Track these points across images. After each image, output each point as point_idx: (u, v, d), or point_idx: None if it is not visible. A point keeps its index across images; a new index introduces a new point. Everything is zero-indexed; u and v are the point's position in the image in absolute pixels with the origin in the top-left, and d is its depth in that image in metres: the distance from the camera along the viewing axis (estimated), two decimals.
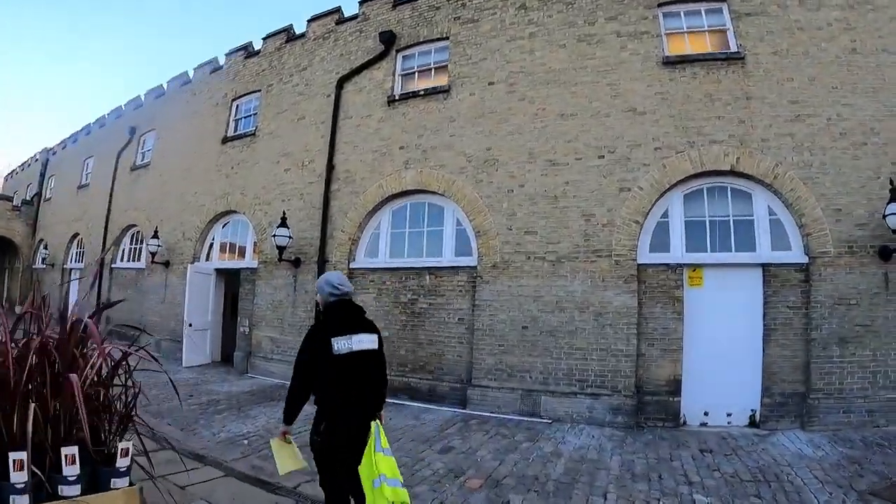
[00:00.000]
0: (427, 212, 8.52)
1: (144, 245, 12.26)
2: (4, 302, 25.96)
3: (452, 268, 7.97)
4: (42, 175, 24.51)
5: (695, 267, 6.74)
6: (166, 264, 12.24)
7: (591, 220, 7.09)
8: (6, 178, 32.48)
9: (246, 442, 5.62)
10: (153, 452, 4.15)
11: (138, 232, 14.52)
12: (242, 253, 10.83)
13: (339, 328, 3.01)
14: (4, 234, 23.58)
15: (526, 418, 6.77)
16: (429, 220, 8.49)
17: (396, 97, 8.95)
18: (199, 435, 5.84)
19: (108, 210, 15.88)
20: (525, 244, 7.41)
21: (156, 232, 12.18)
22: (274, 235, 8.79)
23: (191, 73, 13.97)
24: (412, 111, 8.73)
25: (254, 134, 11.02)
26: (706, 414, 6.45)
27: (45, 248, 21.28)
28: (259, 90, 11.40)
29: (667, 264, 6.81)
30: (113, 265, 15.24)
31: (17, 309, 23.37)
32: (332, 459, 2.94)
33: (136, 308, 13.65)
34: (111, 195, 16.00)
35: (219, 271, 11.18)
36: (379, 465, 2.86)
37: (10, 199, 24.82)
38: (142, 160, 15.23)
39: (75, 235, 18.66)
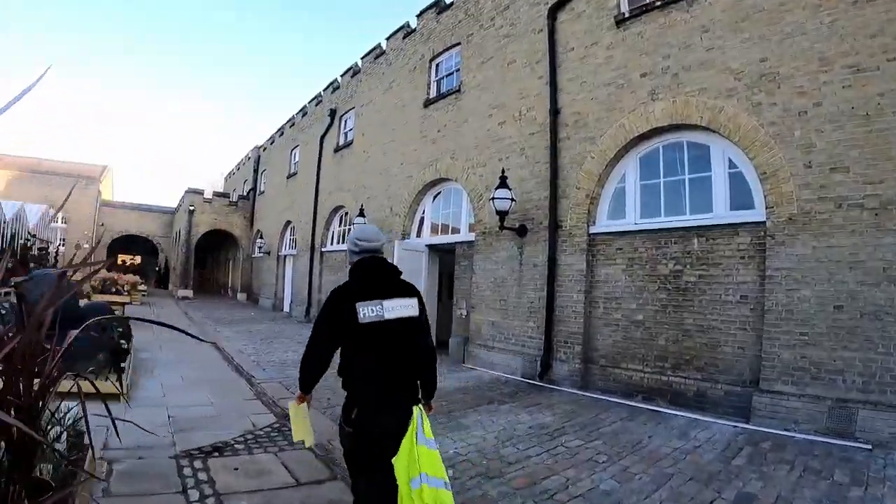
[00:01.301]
0: (686, 154, 7.24)
1: (352, 225, 12.98)
2: (229, 289, 31.22)
3: (728, 226, 6.57)
4: (255, 171, 28.67)
5: None
6: None
7: None
8: (226, 179, 38.96)
9: (451, 473, 4.59)
10: (330, 482, 3.97)
11: (346, 213, 15.74)
12: (457, 225, 10.72)
13: (365, 291, 2.61)
14: (224, 228, 28.23)
15: (834, 441, 5.12)
16: (689, 164, 7.20)
17: (626, 15, 7.81)
18: None
19: (316, 194, 17.59)
20: (832, 186, 5.68)
21: (361, 210, 12.95)
22: (493, 199, 8.38)
23: (384, 45, 14.75)
24: (649, 28, 7.51)
25: (458, 91, 10.87)
26: None
27: (261, 237, 24.71)
28: (458, 43, 11.25)
29: None
30: (323, 249, 16.84)
31: (240, 296, 27.94)
32: (367, 457, 2.59)
33: None
34: (317, 180, 17.69)
35: (431, 248, 11.34)
36: (421, 460, 2.44)
37: (227, 195, 29.74)
38: (344, 141, 16.51)
39: (287, 223, 21.18)
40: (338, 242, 16.40)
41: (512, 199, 8.43)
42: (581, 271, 7.75)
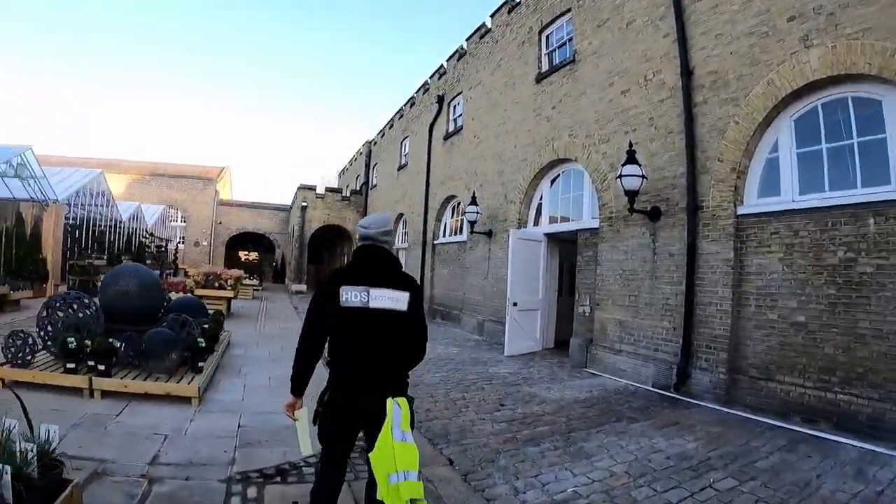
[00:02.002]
0: (852, 113, 6.20)
1: (464, 215, 12.88)
2: None
3: None
4: (366, 165, 29.82)
5: None
6: (488, 234, 12.72)
7: None
8: (339, 175, 40.91)
9: None
10: None
11: (458, 203, 15.75)
12: (578, 211, 10.24)
13: (354, 276, 2.78)
14: (337, 223, 29.71)
15: None
16: (857, 126, 6.15)
17: None
18: (493, 491, 3.98)
19: (426, 185, 17.82)
20: None
21: (473, 198, 12.82)
22: (620, 177, 7.82)
23: (488, 23, 14.64)
24: None
25: (573, 61, 10.34)
26: None
27: None
28: (568, 9, 10.77)
29: None
30: (434, 241, 17.04)
31: None
32: (329, 441, 2.77)
33: (458, 285, 14.81)
34: (428, 170, 17.91)
35: (550, 237, 10.95)
36: (397, 456, 2.48)
37: (339, 191, 31.25)
38: (453, 127, 16.55)
39: (400, 216, 21.70)
40: (450, 234, 16.47)
41: (643, 177, 7.81)
42: (727, 261, 6.91)
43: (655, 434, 5.40)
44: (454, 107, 17.03)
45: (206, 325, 7.77)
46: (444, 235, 17.00)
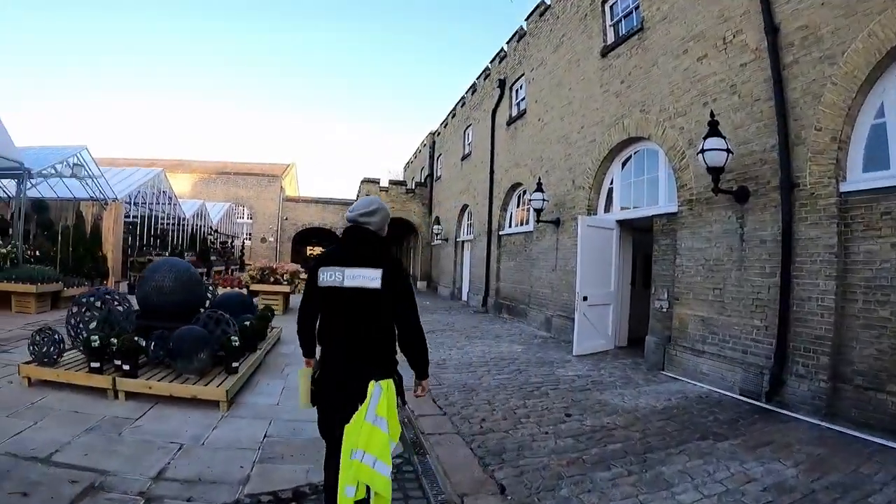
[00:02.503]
0: None
1: (530, 203, 12.37)
2: (409, 277, 32.86)
3: None
4: (430, 156, 29.70)
5: None
6: (556, 223, 12.17)
7: None
8: (405, 169, 41.01)
9: None
10: None
11: (524, 192, 15.27)
12: (653, 195, 9.53)
13: (331, 257, 2.95)
14: (402, 216, 29.65)
15: None
16: None
17: None
18: None
19: (491, 173, 17.44)
20: None
21: (539, 184, 12.29)
22: (702, 152, 7.11)
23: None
24: None
25: (640, 29, 9.64)
26: None
27: (438, 223, 25.38)
28: None
29: None
30: (500, 232, 16.62)
31: (419, 285, 29.17)
32: (321, 419, 2.93)
33: (524, 278, 14.35)
34: (492, 157, 17.52)
35: (622, 224, 10.29)
36: (364, 436, 2.54)
37: (403, 183, 31.25)
38: (516, 112, 16.09)
39: (464, 207, 21.41)
40: (516, 225, 15.98)
41: (728, 151, 7.07)
42: (829, 248, 6.04)
43: (747, 457, 4.67)
44: (516, 91, 16.51)
45: (249, 322, 7.69)
46: (509, 226, 16.53)
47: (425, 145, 31.48)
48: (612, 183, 10.82)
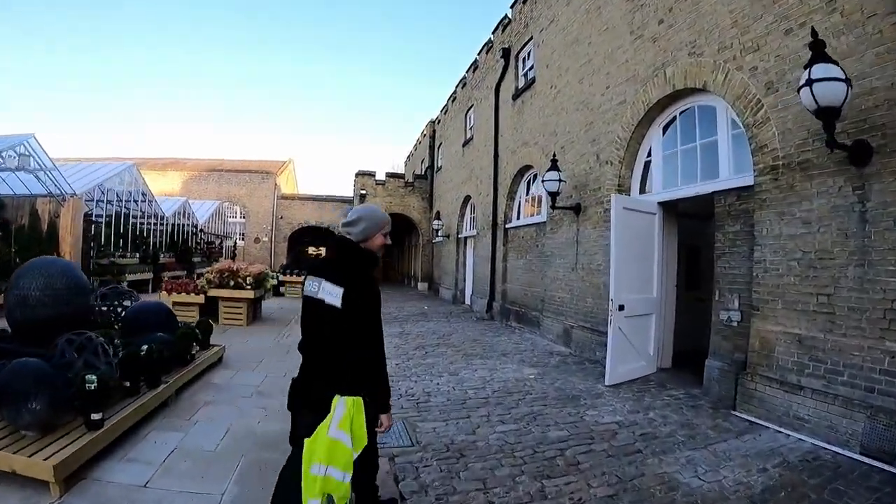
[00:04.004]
0: None
1: (543, 184, 9.86)
2: (410, 278, 30.39)
3: None
4: (430, 146, 27.29)
5: None
6: (575, 209, 9.70)
7: None
8: (405, 163, 38.64)
9: None
10: None
11: (534, 176, 12.85)
12: (711, 167, 7.00)
13: (316, 267, 2.88)
14: (400, 212, 27.23)
15: None
16: None
17: None
18: None
19: (495, 157, 15.06)
20: None
21: (554, 161, 9.72)
22: (807, 84, 4.62)
23: None
24: None
25: None
26: None
27: (439, 218, 22.95)
28: None
29: None
30: (507, 225, 14.21)
31: (420, 286, 26.75)
32: (292, 422, 2.89)
33: (536, 279, 11.91)
34: (496, 138, 15.16)
35: (665, 208, 7.76)
36: (326, 450, 2.50)
37: (400, 176, 28.74)
38: (523, 83, 13.73)
39: (466, 199, 19.09)
40: (526, 216, 13.47)
41: (846, 82, 4.58)
42: None
43: None
44: (522, 60, 14.00)
45: (148, 347, 5.32)
46: (517, 218, 13.95)
47: (425, 135, 29.01)
48: (649, 155, 8.29)
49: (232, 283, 11.51)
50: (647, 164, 8.36)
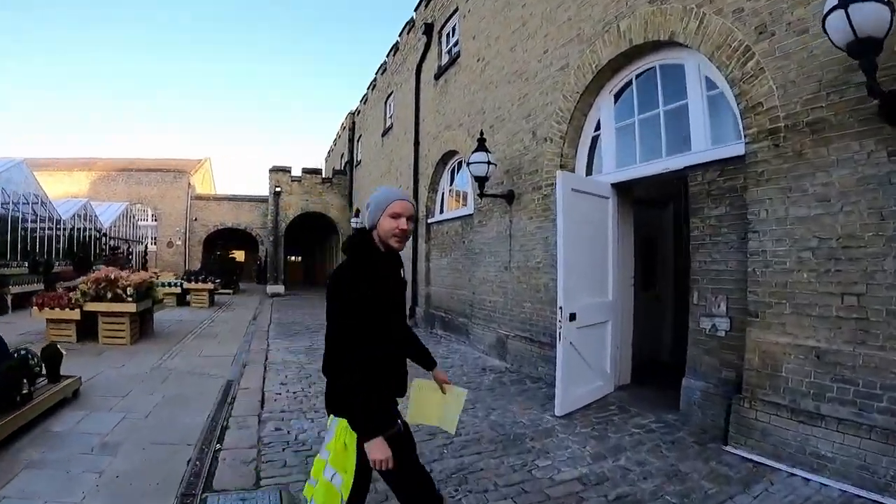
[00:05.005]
0: None
1: (468, 167, 8.24)
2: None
3: None
4: (350, 139, 25.27)
5: None
6: (508, 198, 8.17)
7: None
8: (326, 159, 36.27)
9: None
10: None
11: (459, 163, 11.22)
12: (679, 137, 5.57)
13: None
14: (318, 210, 25.15)
15: None
16: None
17: None
18: None
19: (415, 144, 13.36)
20: None
21: (481, 140, 8.09)
22: (844, 5, 3.23)
23: None
24: None
25: None
26: None
27: (358, 216, 21.00)
28: None
29: None
30: (429, 220, 12.48)
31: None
32: None
33: (464, 281, 10.30)
34: (416, 124, 13.47)
35: (622, 191, 6.32)
36: (318, 494, 2.19)
37: (318, 171, 26.52)
38: (447, 58, 12.03)
39: None
40: (451, 209, 11.86)
41: (889, 6, 3.24)
42: None
43: None
44: (447, 35, 12.39)
45: None
46: (440, 212, 12.32)
47: (345, 128, 26.95)
48: (597, 128, 6.81)
49: (110, 294, 9.25)
50: (595, 141, 6.89)
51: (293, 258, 39.43)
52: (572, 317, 5.28)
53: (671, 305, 7.59)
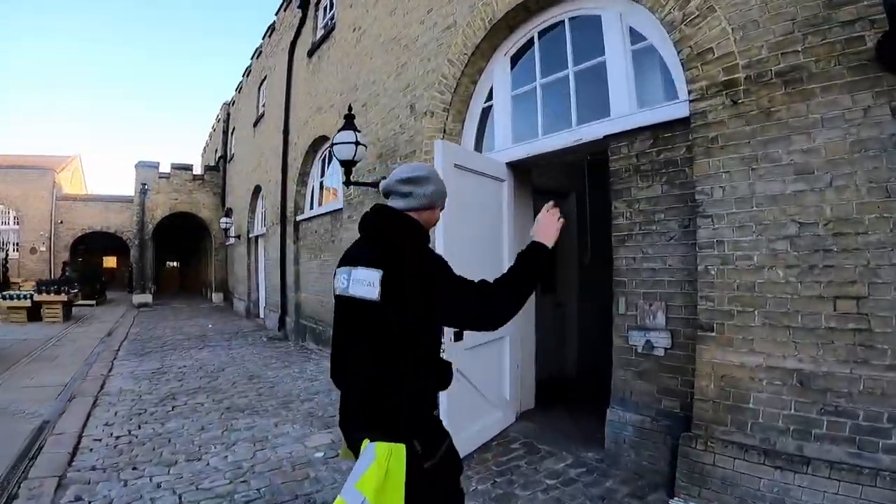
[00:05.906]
0: None
1: (332, 149, 6.60)
2: (204, 288, 25.36)
3: None
4: (224, 132, 22.70)
5: None
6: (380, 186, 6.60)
7: None
8: (202, 155, 32.90)
9: None
10: None
11: (330, 149, 9.53)
12: (594, 103, 4.32)
13: (347, 253, 1.91)
14: (188, 210, 22.48)
15: None
16: None
17: None
18: None
19: (285, 131, 11.48)
20: None
21: (349, 117, 6.44)
22: None
23: None
24: None
25: None
26: None
27: (229, 215, 18.68)
28: None
29: None
30: (298, 217, 10.67)
31: (215, 298, 22.13)
32: None
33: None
34: (286, 109, 11.62)
35: (518, 171, 5.03)
36: None
37: (188, 167, 23.68)
38: (322, 32, 10.30)
39: (257, 190, 15.30)
40: (321, 204, 10.17)
41: None
42: None
43: None
44: (324, 8, 10.74)
45: None
46: (310, 207, 10.59)
47: (220, 120, 24.18)
48: (489, 98, 5.48)
49: None
50: (486, 113, 5.55)
51: (170, 264, 35.59)
52: (457, 336, 3.86)
53: (575, 313, 6.44)
